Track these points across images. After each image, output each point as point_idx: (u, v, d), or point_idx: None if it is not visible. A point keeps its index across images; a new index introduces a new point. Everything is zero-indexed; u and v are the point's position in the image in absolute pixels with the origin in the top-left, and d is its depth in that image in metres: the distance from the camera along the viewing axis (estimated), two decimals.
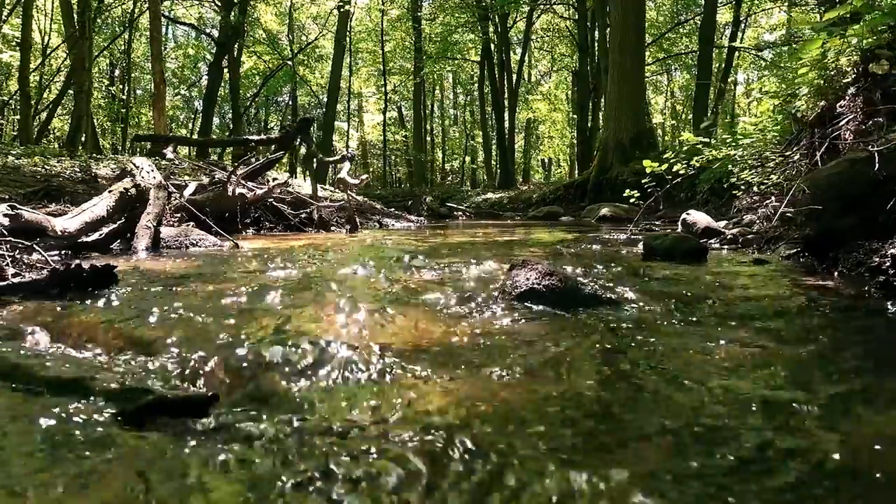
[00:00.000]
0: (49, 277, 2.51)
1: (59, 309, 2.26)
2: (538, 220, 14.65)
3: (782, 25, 28.55)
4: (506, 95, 27.60)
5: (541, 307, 2.37)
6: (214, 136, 24.54)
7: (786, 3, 26.66)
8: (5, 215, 3.30)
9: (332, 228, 8.10)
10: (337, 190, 16.35)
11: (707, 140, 5.74)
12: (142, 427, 1.21)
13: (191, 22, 27.37)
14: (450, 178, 35.97)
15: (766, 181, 6.58)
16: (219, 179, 7.08)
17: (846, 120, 4.35)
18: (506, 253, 4.65)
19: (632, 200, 5.96)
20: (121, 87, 27.40)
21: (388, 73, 29.12)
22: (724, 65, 26.61)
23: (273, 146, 9.21)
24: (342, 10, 21.15)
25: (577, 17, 26.94)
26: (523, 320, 2.18)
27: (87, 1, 16.09)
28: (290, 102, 29.89)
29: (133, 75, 27.62)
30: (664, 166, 5.68)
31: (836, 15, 4.21)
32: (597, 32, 26.20)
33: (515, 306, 2.39)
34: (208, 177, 9.63)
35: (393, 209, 12.96)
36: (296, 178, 17.85)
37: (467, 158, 36.98)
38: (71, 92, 19.27)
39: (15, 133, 23.39)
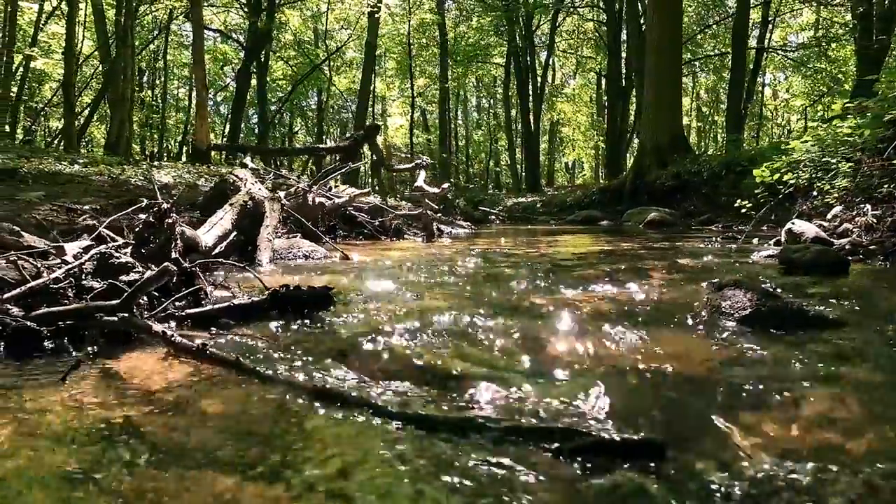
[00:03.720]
0: (269, 299, 2.50)
1: (312, 334, 2.25)
2: (578, 225, 14.61)
3: (811, 25, 28.37)
4: (531, 98, 27.59)
5: (775, 331, 2.34)
6: (267, 145, 24.66)
7: (814, 3, 26.49)
8: None
9: (406, 236, 8.11)
10: (377, 196, 16.34)
11: (807, 147, 5.68)
12: (593, 471, 1.20)
13: (218, 28, 27.56)
14: (474, 182, 35.95)
15: (833, 187, 6.50)
16: (300, 188, 7.11)
17: None
18: (631, 264, 4.62)
19: (743, 210, 5.92)
20: (149, 92, 27.63)
21: (413, 76, 29.18)
22: (752, 65, 26.46)
23: (337, 154, 9.21)
24: (374, 15, 21.17)
25: (604, 18, 26.85)
26: (781, 345, 2.15)
27: (129, 8, 16.21)
28: (318, 107, 30.00)
29: (162, 80, 27.86)
30: (776, 176, 5.64)
31: None
32: (624, 34, 26.14)
33: (747, 329, 2.37)
34: (261, 183, 9.64)
35: (439, 215, 12.94)
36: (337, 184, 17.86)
37: (491, 162, 36.98)
38: (106, 99, 19.41)
39: (49, 140, 23.62)
